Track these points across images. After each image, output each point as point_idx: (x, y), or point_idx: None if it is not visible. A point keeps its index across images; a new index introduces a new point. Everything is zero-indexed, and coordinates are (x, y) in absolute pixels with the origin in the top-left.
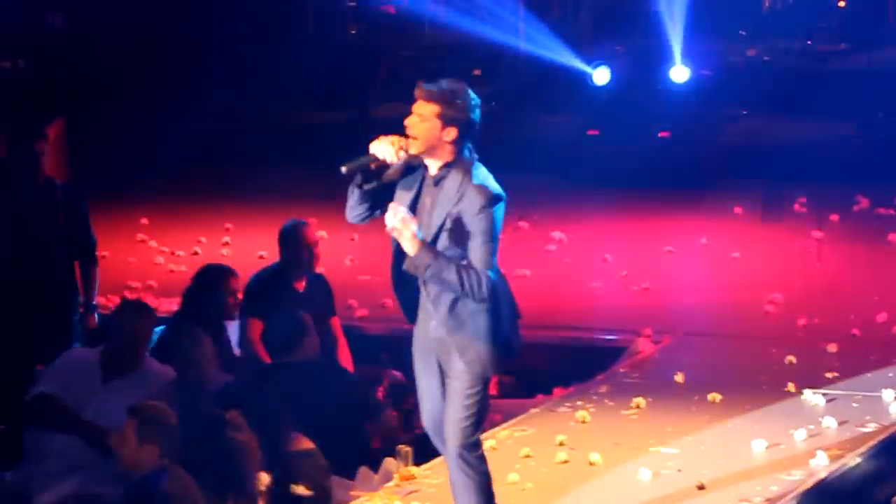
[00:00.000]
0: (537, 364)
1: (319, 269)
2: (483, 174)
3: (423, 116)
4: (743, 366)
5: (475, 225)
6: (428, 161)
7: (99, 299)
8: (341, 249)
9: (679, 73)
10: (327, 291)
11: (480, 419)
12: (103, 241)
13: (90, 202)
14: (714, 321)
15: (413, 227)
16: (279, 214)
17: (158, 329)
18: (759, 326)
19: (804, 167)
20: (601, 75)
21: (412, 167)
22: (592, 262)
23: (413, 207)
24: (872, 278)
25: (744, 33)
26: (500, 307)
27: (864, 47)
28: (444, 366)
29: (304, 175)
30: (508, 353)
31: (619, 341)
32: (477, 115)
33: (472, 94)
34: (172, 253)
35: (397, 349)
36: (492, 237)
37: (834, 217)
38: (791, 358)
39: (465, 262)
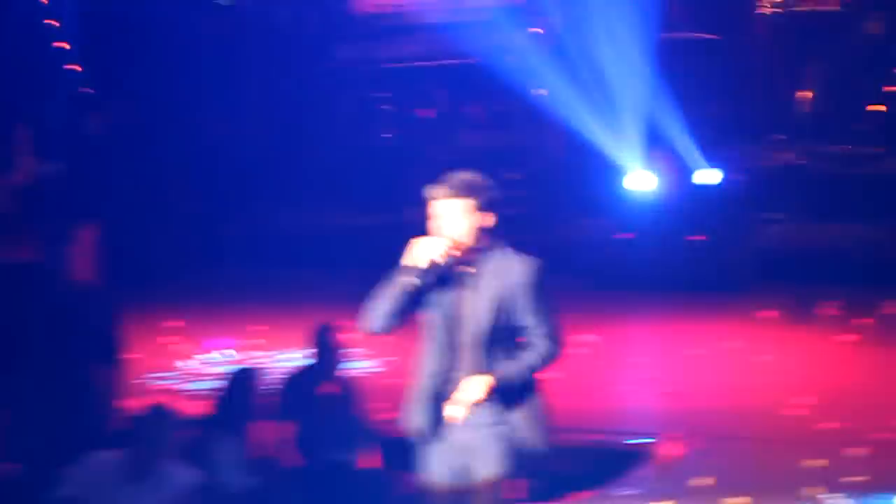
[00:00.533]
0: (565, 468)
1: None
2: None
3: (459, 213)
4: (771, 469)
5: (529, 294)
6: (468, 256)
7: (123, 401)
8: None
9: (710, 176)
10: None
11: None
12: (131, 343)
13: (121, 304)
14: (741, 424)
15: (477, 388)
16: (309, 317)
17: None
18: (787, 430)
19: (837, 271)
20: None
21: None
22: (621, 365)
23: (453, 309)
24: None
25: (781, 137)
26: (541, 405)
27: None
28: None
29: (341, 276)
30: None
31: (645, 445)
32: (499, 197)
33: (487, 179)
34: (197, 354)
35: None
36: (548, 300)
37: (868, 320)
38: (821, 462)
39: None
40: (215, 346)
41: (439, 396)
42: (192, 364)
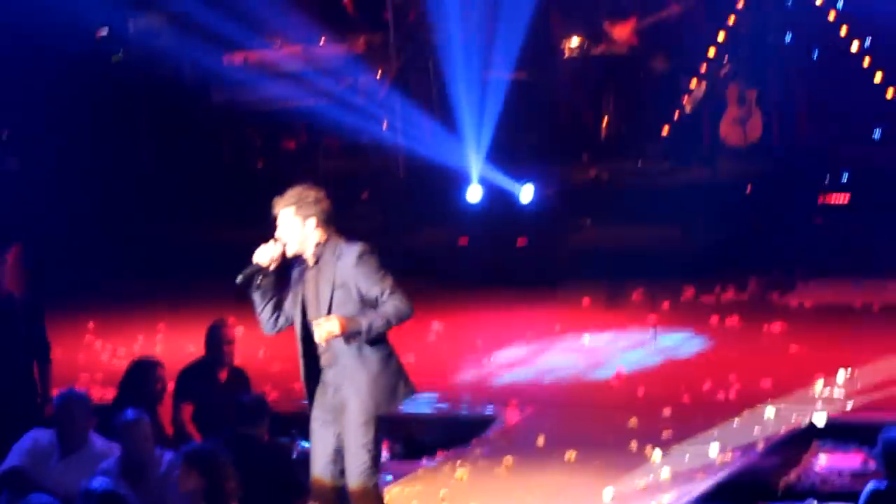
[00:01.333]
0: (422, 434)
1: (238, 363)
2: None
3: (285, 222)
4: (593, 429)
5: (361, 272)
6: (306, 253)
7: (54, 391)
8: (256, 343)
9: (524, 194)
10: (244, 379)
11: (378, 457)
12: (56, 342)
13: (44, 311)
14: (568, 393)
15: (333, 321)
16: (205, 316)
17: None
18: (605, 396)
19: (640, 264)
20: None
21: (291, 267)
22: (465, 347)
23: (304, 297)
24: (699, 354)
25: (585, 157)
26: (390, 358)
27: (684, 165)
28: (342, 420)
29: (224, 283)
30: (394, 394)
31: (491, 412)
32: (325, 201)
33: (314, 189)
34: (114, 350)
35: (306, 424)
36: (381, 274)
37: (665, 305)
38: (633, 421)
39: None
40: (124, 342)
41: (311, 373)
42: (105, 357)
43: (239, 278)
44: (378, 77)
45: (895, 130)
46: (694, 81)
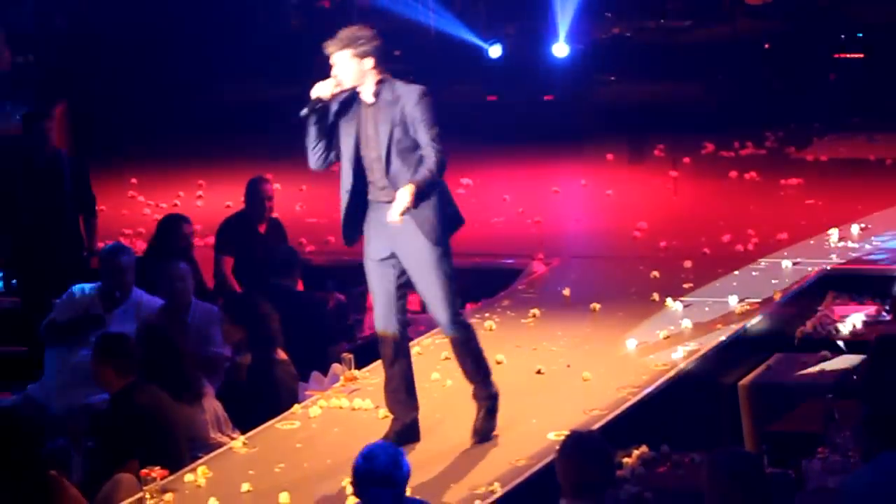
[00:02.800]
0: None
1: (275, 215)
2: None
3: (341, 62)
4: (617, 280)
5: (418, 114)
6: (361, 90)
7: (98, 244)
8: (293, 198)
9: (560, 49)
10: (282, 232)
11: (456, 285)
12: (101, 198)
13: (90, 167)
14: (593, 245)
15: (403, 197)
16: (243, 172)
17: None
18: (629, 249)
19: (661, 120)
20: (495, 51)
21: (347, 102)
22: (494, 202)
23: (359, 133)
24: (719, 207)
25: (609, 15)
26: (445, 190)
27: (705, 24)
28: (409, 256)
29: (261, 140)
30: (455, 221)
31: (518, 264)
32: (379, 39)
33: (367, 27)
34: (157, 205)
35: (340, 276)
36: (434, 120)
37: (686, 160)
38: (655, 273)
39: (419, 154)
40: (166, 197)
41: (358, 207)
42: (148, 212)
43: (303, 112)
44: None
45: None
46: None
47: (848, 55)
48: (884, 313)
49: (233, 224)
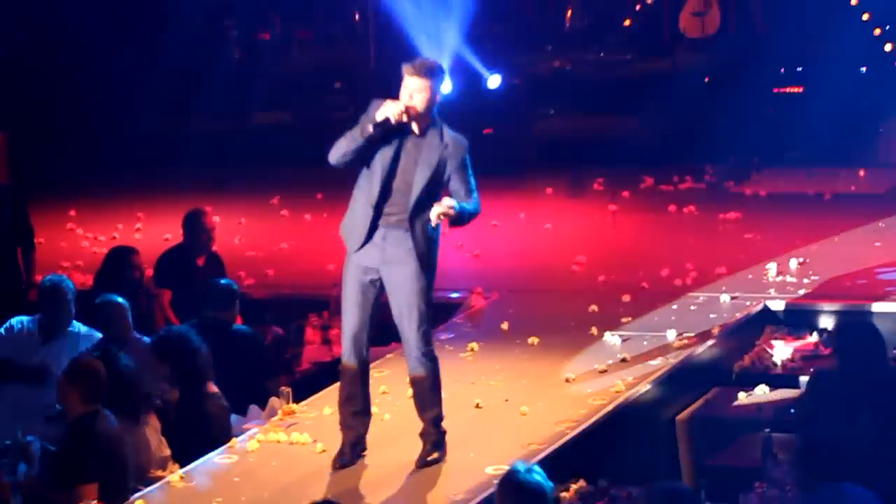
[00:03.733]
0: (391, 318)
1: (214, 248)
2: None
3: (421, 89)
4: (555, 314)
5: (461, 165)
6: (419, 122)
7: (37, 277)
8: (232, 231)
9: (494, 81)
10: (220, 265)
11: (430, 320)
12: (39, 230)
13: (28, 199)
14: (532, 279)
15: (450, 204)
16: (182, 205)
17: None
18: (567, 282)
19: (601, 154)
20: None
21: (390, 128)
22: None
23: (397, 158)
24: (658, 241)
25: (549, 48)
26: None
27: (645, 57)
28: (395, 280)
29: (201, 173)
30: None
31: (457, 299)
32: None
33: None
34: (95, 238)
35: (279, 310)
36: (472, 172)
37: (625, 193)
38: (594, 307)
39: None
40: (105, 230)
41: (375, 221)
42: (86, 245)
43: (369, 131)
44: None
45: (849, 23)
46: None
47: (787, 89)
48: (821, 347)
49: (171, 257)
